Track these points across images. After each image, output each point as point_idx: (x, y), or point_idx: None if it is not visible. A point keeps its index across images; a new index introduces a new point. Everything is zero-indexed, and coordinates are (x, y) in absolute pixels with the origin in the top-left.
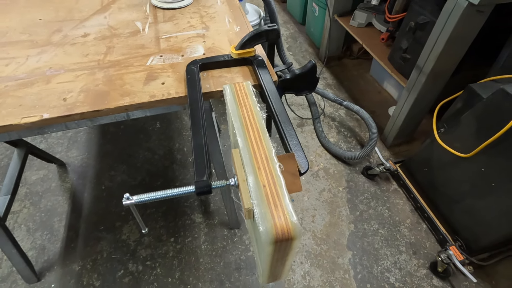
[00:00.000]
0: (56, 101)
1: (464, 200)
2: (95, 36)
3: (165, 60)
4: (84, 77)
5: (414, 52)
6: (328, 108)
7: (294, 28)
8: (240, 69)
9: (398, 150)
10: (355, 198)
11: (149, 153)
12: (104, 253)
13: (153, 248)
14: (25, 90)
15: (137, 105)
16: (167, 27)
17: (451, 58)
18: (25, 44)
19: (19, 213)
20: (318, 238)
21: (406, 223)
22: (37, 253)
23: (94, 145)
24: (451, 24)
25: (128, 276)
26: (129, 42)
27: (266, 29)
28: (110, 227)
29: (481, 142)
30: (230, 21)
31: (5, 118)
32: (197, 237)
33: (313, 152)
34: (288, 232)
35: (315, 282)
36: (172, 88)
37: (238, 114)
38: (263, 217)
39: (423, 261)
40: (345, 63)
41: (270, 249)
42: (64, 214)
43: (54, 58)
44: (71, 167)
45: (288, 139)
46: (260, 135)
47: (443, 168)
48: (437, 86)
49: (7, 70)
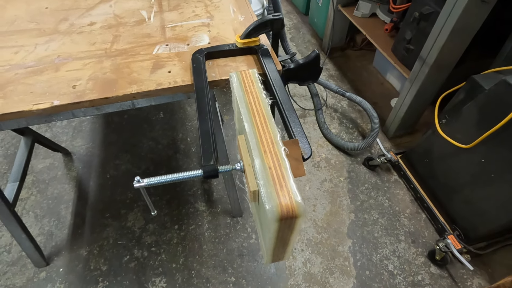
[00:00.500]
0: (66, 88)
1: (463, 191)
2: (101, 24)
3: (171, 49)
4: (92, 65)
5: (417, 43)
6: (331, 100)
7: (297, 19)
8: (245, 58)
9: (400, 141)
10: (356, 188)
11: (153, 142)
12: (110, 239)
13: (157, 235)
14: (35, 77)
15: (144, 93)
16: (172, 16)
17: (455, 49)
18: (33, 32)
19: (27, 200)
20: (319, 226)
21: (406, 213)
22: (45, 238)
23: (98, 135)
24: (455, 15)
25: (134, 261)
26: (135, 31)
27: (271, 18)
28: (115, 215)
29: (481, 133)
30: (234, 11)
31: (17, 104)
32: (200, 224)
33: (315, 143)
34: (292, 210)
35: (316, 268)
36: (179, 77)
37: (244, 101)
38: (269, 196)
39: (422, 250)
40: (348, 54)
41: (275, 227)
42: (70, 201)
43: (62, 46)
44: (77, 156)
45: (292, 126)
46: (266, 120)
47: (444, 159)
48: (440, 78)
49: (17, 58)
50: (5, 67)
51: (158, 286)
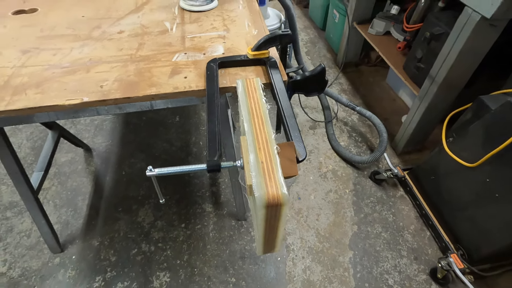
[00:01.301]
0: (94, 87)
1: (467, 209)
2: (129, 33)
3: (189, 57)
4: (118, 68)
5: (428, 62)
6: (342, 113)
7: (314, 33)
8: (254, 69)
9: (408, 157)
10: (361, 201)
11: (167, 144)
12: (121, 232)
13: (165, 231)
14: (69, 77)
15: (162, 95)
16: (192, 27)
17: (463, 69)
18: (69, 37)
19: (48, 190)
20: (321, 236)
21: (410, 229)
22: (62, 227)
23: (117, 134)
24: (464, 36)
25: (141, 255)
26: (158, 40)
27: (280, 33)
28: (127, 209)
29: (487, 152)
30: (249, 25)
31: (53, 99)
32: (206, 225)
33: (323, 154)
34: (278, 199)
35: (315, 276)
36: (193, 82)
37: (246, 104)
38: (259, 186)
39: (424, 267)
40: (362, 70)
41: (263, 213)
42: (87, 194)
43: (94, 51)
44: (96, 152)
45: (291, 131)
46: (263, 122)
47: (449, 176)
48: (449, 97)
49: (55, 59)
50: (45, 66)
51: (162, 280)
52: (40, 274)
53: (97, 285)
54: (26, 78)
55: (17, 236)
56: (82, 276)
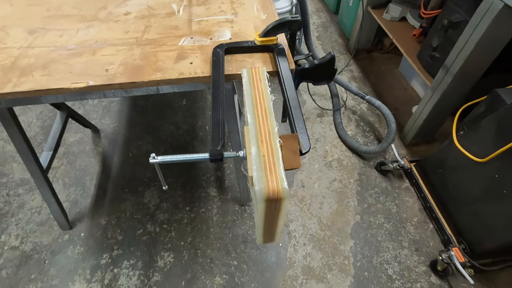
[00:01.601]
0: (100, 71)
1: (474, 204)
2: (135, 15)
3: (195, 42)
4: (124, 51)
5: (443, 51)
6: (350, 101)
7: (327, 17)
8: (261, 55)
9: (416, 149)
10: (365, 191)
11: (173, 127)
12: (127, 212)
13: (170, 213)
14: (75, 59)
15: (167, 80)
16: (200, 10)
17: (481, 60)
18: (76, 18)
19: (58, 169)
20: (323, 224)
21: (413, 221)
22: (71, 205)
23: (125, 115)
24: (484, 25)
25: (146, 235)
26: (165, 23)
27: (289, 19)
28: (134, 191)
29: (498, 148)
30: (258, 9)
31: (58, 82)
32: (210, 209)
33: (329, 142)
34: (278, 193)
35: (315, 263)
36: (199, 68)
37: (250, 95)
38: (260, 179)
39: (424, 259)
40: (374, 57)
41: (262, 206)
42: (95, 174)
43: (100, 32)
44: (104, 133)
45: (295, 122)
46: (266, 114)
47: (457, 170)
48: (462, 88)
49: (61, 41)
50: (51, 48)
51: (166, 260)
52: (50, 249)
53: (104, 262)
54: (33, 59)
55: (29, 212)
56: (90, 252)
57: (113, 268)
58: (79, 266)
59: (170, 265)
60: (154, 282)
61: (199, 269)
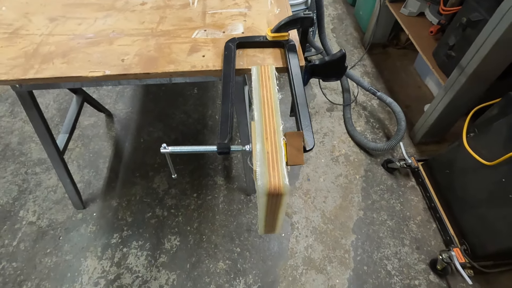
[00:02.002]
0: (116, 60)
1: (479, 207)
2: (151, 5)
3: (208, 35)
4: (139, 42)
5: (459, 51)
6: (362, 97)
7: (343, 9)
8: (272, 51)
9: (425, 148)
10: (370, 188)
11: (184, 115)
12: (137, 195)
13: (178, 199)
14: (92, 48)
15: (180, 72)
16: (214, 2)
17: (497, 62)
18: (94, 7)
19: (73, 151)
20: (326, 217)
21: (416, 220)
22: (84, 186)
23: (138, 101)
24: (504, 25)
25: (155, 218)
26: (179, 14)
27: (301, 16)
28: (144, 175)
29: (507, 152)
30: (272, 3)
31: (77, 70)
32: (216, 196)
33: (337, 137)
34: (279, 188)
35: (316, 255)
36: (211, 62)
37: (258, 93)
38: (262, 175)
39: (424, 257)
40: (390, 52)
41: (264, 200)
42: (108, 157)
43: (117, 22)
44: (117, 118)
45: (302, 119)
46: (273, 112)
47: (465, 172)
48: (476, 90)
49: (80, 29)
50: (70, 36)
51: (172, 243)
52: (65, 226)
53: (114, 241)
54: (54, 47)
55: (45, 190)
56: (101, 232)
57: (122, 247)
58: (91, 244)
59: (176, 248)
60: (160, 263)
61: (204, 254)
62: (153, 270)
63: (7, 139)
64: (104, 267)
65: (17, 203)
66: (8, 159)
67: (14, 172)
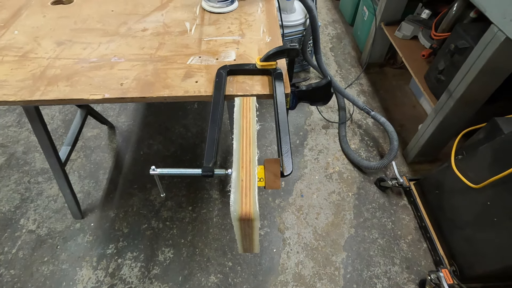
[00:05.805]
0: (115, 84)
1: (466, 228)
2: (151, 31)
3: (202, 61)
4: (138, 67)
5: (448, 75)
6: (357, 115)
7: (342, 29)
8: (260, 78)
9: (418, 167)
10: (362, 205)
11: (183, 129)
12: (134, 207)
13: (173, 211)
14: (95, 72)
15: (173, 97)
16: (210, 30)
17: (482, 88)
18: (99, 32)
19: (75, 161)
20: (318, 234)
21: (407, 239)
22: (84, 196)
23: (139, 115)
24: (487, 54)
25: (150, 230)
26: (177, 41)
27: (288, 47)
28: (142, 187)
29: (492, 175)
30: (264, 31)
31: (79, 93)
32: (211, 210)
33: (332, 155)
34: (249, 214)
35: (306, 271)
36: (203, 87)
37: (239, 123)
38: (235, 201)
39: (414, 277)
40: (386, 72)
41: (237, 223)
42: (108, 169)
43: (119, 47)
44: (119, 130)
45: (282, 145)
46: (250, 143)
47: (453, 194)
48: (464, 113)
49: (84, 53)
50: (75, 60)
51: (166, 255)
52: (63, 235)
53: (110, 252)
54: (59, 70)
55: (46, 199)
56: (98, 242)
57: (117, 258)
58: (87, 253)
59: (170, 260)
60: (153, 274)
61: (196, 267)
62: (146, 281)
63: (13, 148)
64: (98, 277)
65: (19, 211)
66: (12, 168)
67: (17, 181)
